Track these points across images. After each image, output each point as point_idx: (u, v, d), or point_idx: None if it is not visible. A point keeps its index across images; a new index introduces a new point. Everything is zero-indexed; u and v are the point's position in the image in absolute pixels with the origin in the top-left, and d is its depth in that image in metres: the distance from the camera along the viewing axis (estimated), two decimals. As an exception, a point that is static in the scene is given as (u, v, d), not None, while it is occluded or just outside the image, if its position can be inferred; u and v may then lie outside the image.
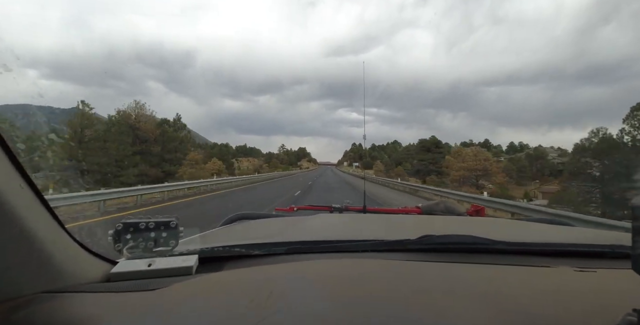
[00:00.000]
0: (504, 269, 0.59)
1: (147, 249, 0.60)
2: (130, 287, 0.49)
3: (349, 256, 0.66)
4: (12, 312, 0.40)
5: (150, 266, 0.55)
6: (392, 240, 0.69)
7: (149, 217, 0.62)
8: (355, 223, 1.20)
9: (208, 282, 0.52)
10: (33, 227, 0.43)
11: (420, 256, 0.65)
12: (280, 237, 0.77)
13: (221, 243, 0.68)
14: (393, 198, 13.74)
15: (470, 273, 0.56)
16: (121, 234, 0.59)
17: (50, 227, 0.48)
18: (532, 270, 0.58)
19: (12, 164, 0.43)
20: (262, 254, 0.66)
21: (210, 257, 0.63)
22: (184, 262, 0.57)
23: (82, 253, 0.54)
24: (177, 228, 0.62)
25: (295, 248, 0.68)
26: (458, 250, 0.67)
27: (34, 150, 1.60)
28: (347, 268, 0.58)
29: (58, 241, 0.49)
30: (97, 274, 0.54)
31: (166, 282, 0.49)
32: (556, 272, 0.57)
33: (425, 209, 1.68)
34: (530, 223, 1.23)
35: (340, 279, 0.52)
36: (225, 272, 0.59)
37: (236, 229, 1.10)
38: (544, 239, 0.80)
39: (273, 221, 1.21)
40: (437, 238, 0.67)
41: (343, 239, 0.74)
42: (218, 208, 9.68)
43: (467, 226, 1.11)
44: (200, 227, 0.90)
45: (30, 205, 0.45)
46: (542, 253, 0.68)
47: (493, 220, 1.49)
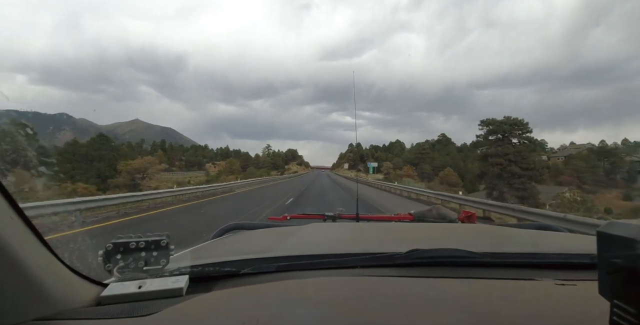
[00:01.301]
0: (488, 283, 0.61)
1: (137, 269, 0.60)
2: (121, 313, 0.48)
3: (339, 273, 0.67)
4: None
5: (141, 288, 0.55)
6: (381, 255, 0.71)
7: (140, 235, 0.62)
8: (347, 233, 1.23)
9: (198, 305, 0.51)
10: (25, 256, 0.44)
11: (408, 271, 0.67)
12: (270, 252, 0.77)
13: (212, 259, 0.70)
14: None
15: (455, 288, 0.58)
16: (111, 254, 0.59)
17: (41, 254, 0.49)
18: (515, 284, 0.60)
19: (2, 195, 0.44)
20: (253, 272, 0.66)
21: (201, 276, 0.64)
22: (174, 284, 0.56)
23: (73, 277, 0.54)
24: (167, 247, 0.62)
25: (286, 265, 0.69)
26: (446, 264, 0.69)
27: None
28: (337, 286, 0.58)
29: (50, 268, 0.49)
30: (88, 298, 0.53)
31: (157, 306, 0.49)
32: (538, 285, 0.59)
33: (417, 215, 1.72)
34: (520, 230, 1.24)
35: (330, 299, 0.52)
36: (216, 292, 0.58)
37: (228, 241, 1.11)
38: (530, 249, 0.83)
39: (266, 232, 1.21)
40: (425, 252, 0.69)
41: (334, 252, 0.76)
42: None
43: (457, 235, 1.14)
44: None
45: (20, 234, 0.46)
46: (526, 265, 0.70)
47: (483, 228, 1.51)
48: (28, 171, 3.38)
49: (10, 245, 0.42)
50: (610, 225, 0.30)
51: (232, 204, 12.90)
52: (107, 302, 0.53)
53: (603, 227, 0.30)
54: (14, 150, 3.12)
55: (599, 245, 0.30)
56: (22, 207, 0.46)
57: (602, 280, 0.30)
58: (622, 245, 0.28)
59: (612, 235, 0.29)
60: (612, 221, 0.31)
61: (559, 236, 1.12)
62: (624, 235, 0.28)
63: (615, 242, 0.28)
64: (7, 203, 0.44)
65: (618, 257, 0.28)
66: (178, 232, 6.89)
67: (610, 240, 0.29)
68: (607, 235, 0.29)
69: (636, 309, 0.27)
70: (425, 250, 0.69)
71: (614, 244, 0.28)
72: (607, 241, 0.29)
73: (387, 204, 13.00)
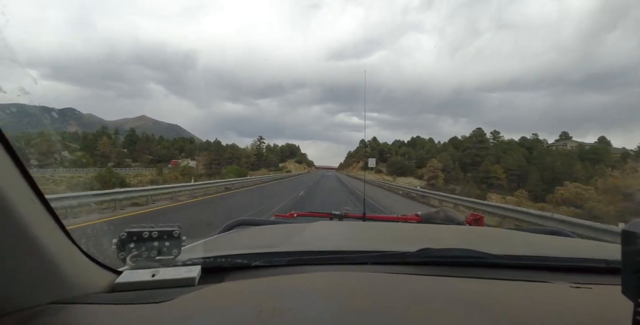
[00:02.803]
0: (502, 283, 0.60)
1: (150, 258, 0.60)
2: (135, 299, 0.49)
3: (350, 268, 0.67)
4: (21, 323, 0.40)
5: (154, 276, 0.56)
6: (393, 253, 0.70)
7: (152, 226, 0.63)
8: (355, 232, 1.21)
9: (211, 294, 0.52)
10: (43, 240, 0.44)
11: (419, 269, 0.66)
12: (281, 247, 0.78)
13: (223, 251, 0.70)
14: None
15: (467, 287, 0.57)
16: (125, 242, 0.60)
17: (60, 238, 0.50)
18: (529, 286, 0.58)
19: (24, 178, 0.45)
20: (264, 265, 0.67)
21: (213, 267, 0.64)
22: (187, 273, 0.57)
23: (89, 263, 0.55)
24: (179, 237, 0.62)
25: (296, 259, 0.69)
26: (457, 264, 0.69)
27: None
28: (349, 280, 0.58)
29: (67, 252, 0.50)
30: (102, 284, 0.54)
31: (170, 294, 0.50)
32: (553, 287, 0.58)
33: (424, 217, 1.70)
34: (531, 234, 1.22)
35: (343, 292, 0.52)
36: (228, 283, 0.59)
37: (237, 236, 1.11)
38: (543, 252, 0.81)
39: (273, 228, 1.21)
40: (437, 251, 0.68)
41: (343, 249, 0.75)
42: None
43: (466, 237, 1.12)
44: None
45: (40, 218, 0.46)
46: (539, 267, 0.69)
47: (492, 231, 1.49)
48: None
49: (31, 228, 0.42)
50: (635, 224, 0.29)
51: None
52: (121, 289, 0.54)
53: (628, 225, 0.29)
54: (39, 135, 2.28)
55: (624, 243, 0.29)
56: (43, 194, 0.46)
57: (626, 279, 0.29)
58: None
59: (637, 234, 0.28)
60: (636, 220, 0.30)
61: (572, 241, 1.12)
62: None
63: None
64: (29, 186, 0.45)
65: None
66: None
67: (636, 239, 0.28)
68: (632, 234, 0.29)
69: None
70: (437, 249, 0.68)
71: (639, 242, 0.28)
72: (632, 240, 0.29)
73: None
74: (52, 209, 0.49)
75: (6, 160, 0.42)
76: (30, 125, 1.14)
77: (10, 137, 0.42)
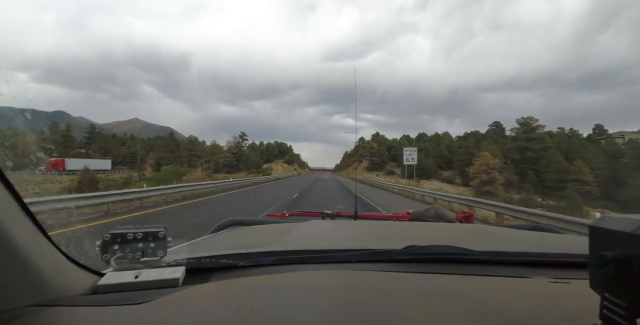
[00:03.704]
0: (483, 279, 0.61)
1: (134, 260, 0.60)
2: (117, 301, 0.48)
3: (334, 267, 0.67)
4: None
5: (137, 278, 0.55)
6: (378, 251, 0.71)
7: (137, 227, 0.62)
8: (345, 231, 1.22)
9: (194, 294, 0.52)
10: (21, 241, 0.44)
11: (404, 267, 0.67)
12: (268, 247, 0.78)
13: (210, 252, 0.70)
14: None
15: (451, 283, 0.58)
16: (108, 244, 0.59)
17: (38, 240, 0.49)
18: (509, 281, 0.60)
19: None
20: (249, 265, 0.67)
21: (198, 268, 0.64)
22: (170, 274, 0.57)
23: (69, 265, 0.54)
24: (165, 238, 0.62)
25: (283, 259, 0.69)
26: (441, 261, 0.70)
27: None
28: (332, 279, 0.59)
29: (46, 254, 0.49)
30: (84, 286, 0.53)
31: (153, 295, 0.49)
32: (532, 283, 0.59)
33: (415, 215, 1.70)
34: (517, 230, 1.24)
35: (325, 290, 0.53)
36: (212, 283, 0.59)
37: (226, 236, 1.11)
38: (527, 248, 0.83)
39: (264, 228, 1.22)
40: (421, 248, 0.69)
41: (331, 248, 0.76)
42: None
43: (454, 234, 1.14)
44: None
45: (17, 219, 0.45)
46: (521, 263, 0.71)
47: (481, 227, 1.51)
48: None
49: (7, 229, 0.42)
50: (602, 220, 0.30)
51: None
52: (103, 291, 0.53)
53: (596, 221, 0.30)
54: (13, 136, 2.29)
55: (591, 239, 0.30)
56: (20, 196, 0.46)
57: (593, 274, 0.30)
58: (613, 239, 0.28)
59: (603, 229, 0.29)
60: (604, 216, 0.31)
61: (556, 237, 1.14)
62: (616, 228, 0.28)
63: (607, 235, 0.28)
64: (4, 186, 0.44)
65: (609, 250, 0.28)
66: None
67: (602, 234, 0.29)
68: (599, 230, 0.29)
69: (626, 301, 0.27)
70: (422, 246, 0.69)
71: (606, 237, 0.28)
72: (599, 235, 0.29)
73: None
74: (30, 210, 0.48)
75: None
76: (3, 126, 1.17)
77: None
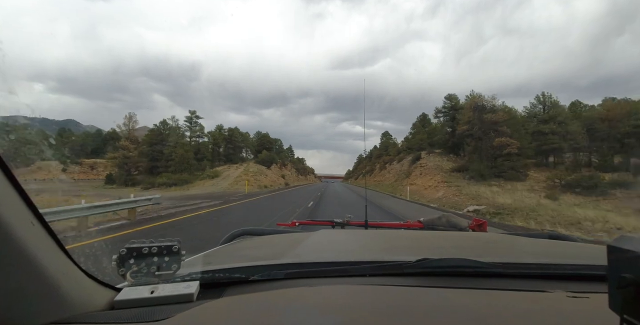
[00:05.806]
0: (498, 294, 0.60)
1: (149, 274, 0.61)
2: (134, 317, 0.49)
3: (347, 281, 0.67)
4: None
5: (153, 293, 0.56)
6: (390, 264, 0.70)
7: (152, 241, 0.63)
8: (356, 241, 1.21)
9: (209, 310, 0.53)
10: (44, 261, 0.45)
11: (417, 281, 0.66)
12: (280, 259, 0.78)
13: (222, 264, 0.71)
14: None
15: (465, 298, 0.57)
16: (124, 259, 0.60)
17: (59, 259, 0.50)
18: (525, 296, 0.58)
19: (23, 201, 0.46)
20: (262, 279, 0.67)
21: (211, 282, 0.65)
22: (185, 289, 0.58)
23: (88, 282, 0.55)
24: (179, 252, 0.63)
25: (294, 272, 0.69)
26: (455, 274, 0.68)
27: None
28: (345, 294, 0.58)
29: (67, 272, 0.50)
30: (102, 302, 0.55)
31: (169, 311, 0.51)
32: (550, 297, 0.57)
33: (427, 223, 1.69)
34: (532, 239, 1.22)
35: (339, 307, 0.52)
36: (226, 298, 0.59)
37: (238, 247, 1.12)
38: (542, 259, 0.81)
39: (275, 238, 1.23)
40: (434, 262, 0.68)
41: (342, 260, 0.76)
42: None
43: (467, 244, 1.11)
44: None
45: (40, 239, 0.47)
46: (537, 276, 0.69)
47: (494, 237, 1.48)
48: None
49: (31, 250, 0.43)
50: (621, 240, 0.29)
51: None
52: (121, 307, 0.55)
53: (614, 241, 0.29)
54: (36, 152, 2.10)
55: (609, 259, 0.30)
56: (41, 213, 0.47)
57: (612, 294, 0.29)
58: (632, 260, 0.27)
59: (622, 249, 0.28)
60: (623, 235, 0.30)
61: (572, 246, 1.11)
62: (635, 249, 0.27)
63: (625, 256, 0.28)
64: (28, 209, 0.46)
65: (628, 271, 0.27)
66: None
67: (621, 255, 0.29)
68: (618, 249, 0.29)
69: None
70: (435, 259, 0.68)
71: (625, 258, 0.28)
72: (617, 255, 0.29)
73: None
74: (52, 229, 0.49)
75: (4, 183, 0.43)
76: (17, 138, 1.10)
77: (7, 159, 0.42)
